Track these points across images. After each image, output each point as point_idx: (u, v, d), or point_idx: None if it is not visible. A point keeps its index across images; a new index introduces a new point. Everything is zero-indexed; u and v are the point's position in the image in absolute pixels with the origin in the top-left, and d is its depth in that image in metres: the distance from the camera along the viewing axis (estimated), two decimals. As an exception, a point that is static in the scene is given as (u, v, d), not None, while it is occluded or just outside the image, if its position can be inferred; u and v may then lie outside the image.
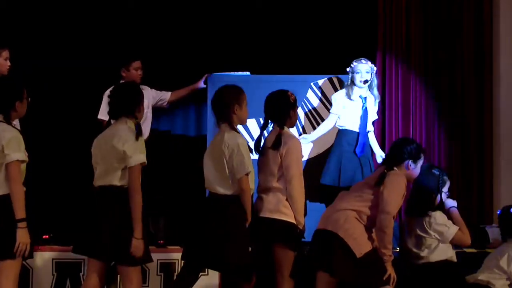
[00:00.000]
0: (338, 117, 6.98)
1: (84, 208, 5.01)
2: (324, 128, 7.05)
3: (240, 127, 5.53)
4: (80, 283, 6.25)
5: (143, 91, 5.27)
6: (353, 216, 5.22)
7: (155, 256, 5.82)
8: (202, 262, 5.29)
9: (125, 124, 4.98)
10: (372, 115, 7.12)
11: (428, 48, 8.04)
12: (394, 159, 5.38)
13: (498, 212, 5.96)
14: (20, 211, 4.71)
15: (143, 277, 6.19)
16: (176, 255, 6.23)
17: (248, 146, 5.32)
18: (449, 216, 5.73)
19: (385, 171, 5.30)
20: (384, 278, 5.14)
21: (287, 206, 5.37)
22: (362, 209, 5.24)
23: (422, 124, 8.02)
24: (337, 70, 7.37)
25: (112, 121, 5.14)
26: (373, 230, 5.26)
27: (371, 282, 5.15)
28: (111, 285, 5.94)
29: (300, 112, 7.17)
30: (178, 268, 6.30)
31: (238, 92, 5.34)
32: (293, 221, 5.36)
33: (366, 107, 6.99)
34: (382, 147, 7.61)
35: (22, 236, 4.71)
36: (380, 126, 7.95)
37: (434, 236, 5.58)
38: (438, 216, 5.60)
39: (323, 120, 7.18)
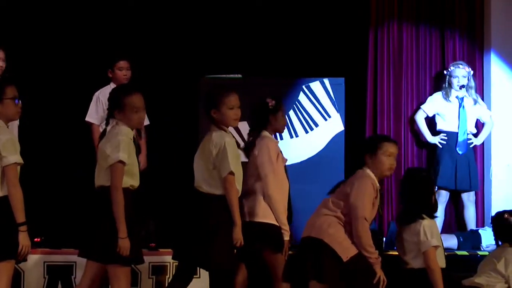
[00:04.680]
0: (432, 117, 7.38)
1: (77, 209, 4.97)
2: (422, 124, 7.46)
3: (231, 130, 5.52)
4: (72, 286, 6.24)
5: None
6: (335, 221, 5.23)
7: (147, 259, 5.77)
8: (190, 260, 5.26)
9: (113, 125, 4.90)
10: (473, 116, 7.40)
11: (420, 25, 8.02)
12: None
13: (491, 216, 5.96)
14: (20, 215, 4.67)
15: (135, 280, 6.20)
16: (168, 258, 6.21)
17: (240, 147, 5.33)
18: None
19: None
20: (374, 282, 5.14)
21: (264, 208, 5.38)
22: (339, 214, 5.25)
23: (413, 105, 7.97)
24: (330, 71, 7.41)
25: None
26: None
27: (361, 286, 5.15)
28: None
29: (292, 115, 7.15)
30: (170, 271, 6.28)
31: (218, 95, 5.24)
32: (270, 221, 5.37)
33: (463, 107, 7.31)
34: (374, 127, 7.71)
35: (24, 239, 4.68)
36: (372, 107, 7.90)
37: (415, 242, 5.47)
38: (424, 225, 5.44)
39: (315, 122, 7.18)
